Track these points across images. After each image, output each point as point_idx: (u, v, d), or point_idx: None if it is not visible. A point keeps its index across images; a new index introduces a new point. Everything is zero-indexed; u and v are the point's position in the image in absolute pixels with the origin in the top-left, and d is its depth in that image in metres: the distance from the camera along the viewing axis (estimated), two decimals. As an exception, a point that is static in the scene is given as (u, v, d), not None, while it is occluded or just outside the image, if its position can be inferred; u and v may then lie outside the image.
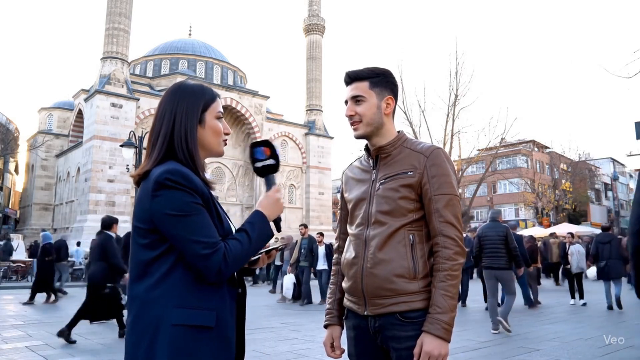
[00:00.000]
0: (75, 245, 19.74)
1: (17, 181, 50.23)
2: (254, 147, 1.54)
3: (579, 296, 10.29)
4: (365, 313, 1.64)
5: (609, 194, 54.91)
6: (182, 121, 1.38)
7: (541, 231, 23.47)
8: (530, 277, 10.39)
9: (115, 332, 6.76)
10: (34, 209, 39.92)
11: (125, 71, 31.85)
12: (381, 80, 1.72)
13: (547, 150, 46.86)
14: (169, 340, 1.23)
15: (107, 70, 30.77)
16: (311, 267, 11.09)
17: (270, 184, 1.52)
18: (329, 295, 1.90)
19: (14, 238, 22.57)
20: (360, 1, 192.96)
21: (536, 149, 48.67)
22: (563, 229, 21.12)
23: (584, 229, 26.59)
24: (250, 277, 12.90)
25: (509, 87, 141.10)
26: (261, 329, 7.26)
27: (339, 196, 1.94)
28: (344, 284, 1.76)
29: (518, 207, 43.10)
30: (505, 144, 31.88)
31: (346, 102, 1.74)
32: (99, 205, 28.94)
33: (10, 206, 45.66)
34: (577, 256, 10.55)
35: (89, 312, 6.47)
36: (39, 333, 6.99)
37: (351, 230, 1.75)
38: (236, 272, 1.38)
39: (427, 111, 44.08)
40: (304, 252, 11.05)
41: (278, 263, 14.45)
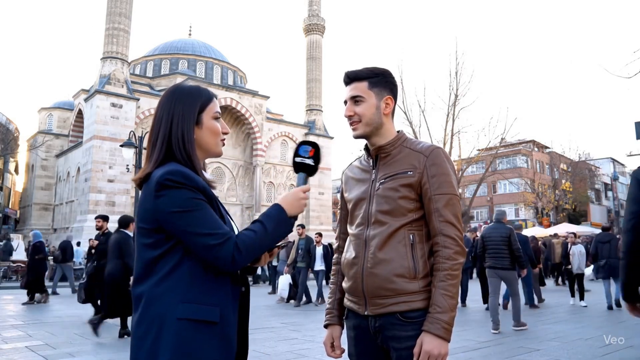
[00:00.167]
0: (75, 245, 19.71)
1: (17, 181, 50.28)
2: (302, 143, 1.59)
3: (579, 297, 10.27)
4: (366, 313, 1.64)
5: (609, 194, 54.95)
6: (179, 123, 1.40)
7: (541, 231, 23.46)
8: (533, 277, 10.38)
9: (116, 332, 6.76)
10: (34, 209, 39.94)
11: (125, 71, 31.86)
12: (380, 81, 1.71)
13: (547, 150, 46.87)
14: (174, 333, 1.25)
15: (107, 70, 30.78)
16: (308, 268, 11.00)
17: (301, 182, 1.55)
18: (329, 295, 1.90)
19: (14, 238, 22.59)
20: (360, 1, 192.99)
21: (536, 149, 48.68)
22: (563, 229, 21.12)
23: (584, 229, 26.57)
24: (251, 275, 12.79)
25: (509, 87, 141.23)
26: (261, 329, 7.26)
27: (339, 196, 1.94)
28: (344, 284, 1.75)
29: (518, 207, 43.11)
30: (505, 144, 31.88)
31: (345, 102, 1.74)
32: (99, 205, 28.94)
33: (10, 206, 45.68)
34: (579, 256, 10.54)
35: (111, 309, 6.53)
36: (39, 333, 6.99)
37: (351, 230, 1.75)
38: (239, 271, 1.39)
39: (427, 111, 44.22)
40: (301, 253, 10.98)
41: (274, 263, 14.36)
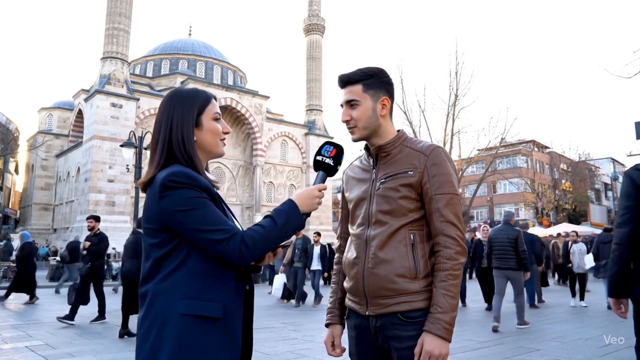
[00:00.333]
0: (79, 246, 19.73)
1: (17, 181, 50.32)
2: (326, 143, 1.60)
3: (579, 297, 10.23)
4: (367, 313, 1.64)
5: (609, 194, 54.91)
6: (179, 126, 1.42)
7: (541, 231, 23.45)
8: (535, 277, 10.35)
9: (116, 332, 6.76)
10: (34, 209, 39.95)
11: (125, 71, 31.86)
12: (375, 82, 1.68)
13: (547, 150, 46.88)
14: (176, 329, 1.27)
15: (107, 70, 30.78)
16: (305, 268, 10.95)
17: (318, 181, 1.55)
18: (330, 295, 1.90)
19: (14, 238, 22.56)
20: (360, 1, 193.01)
21: (536, 149, 48.69)
22: (563, 229, 21.09)
23: (584, 229, 26.56)
24: (256, 274, 12.73)
25: (508, 87, 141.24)
26: (261, 329, 7.26)
27: (339, 196, 1.94)
28: (345, 284, 1.75)
29: (518, 207, 43.09)
30: (505, 144, 31.88)
31: (342, 106, 1.72)
32: (99, 205, 28.94)
33: (10, 206, 45.73)
34: (579, 255, 10.52)
35: (131, 306, 6.59)
36: (39, 333, 6.99)
37: (352, 230, 1.75)
38: (244, 269, 1.41)
39: (427, 111, 44.05)
40: (298, 253, 10.95)
41: (270, 263, 14.28)
